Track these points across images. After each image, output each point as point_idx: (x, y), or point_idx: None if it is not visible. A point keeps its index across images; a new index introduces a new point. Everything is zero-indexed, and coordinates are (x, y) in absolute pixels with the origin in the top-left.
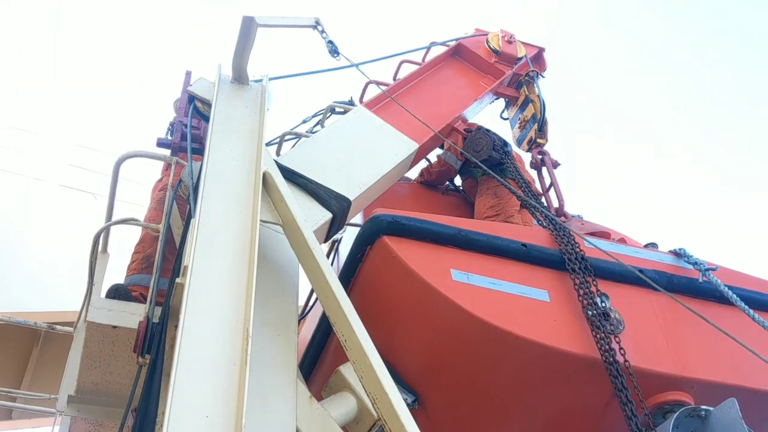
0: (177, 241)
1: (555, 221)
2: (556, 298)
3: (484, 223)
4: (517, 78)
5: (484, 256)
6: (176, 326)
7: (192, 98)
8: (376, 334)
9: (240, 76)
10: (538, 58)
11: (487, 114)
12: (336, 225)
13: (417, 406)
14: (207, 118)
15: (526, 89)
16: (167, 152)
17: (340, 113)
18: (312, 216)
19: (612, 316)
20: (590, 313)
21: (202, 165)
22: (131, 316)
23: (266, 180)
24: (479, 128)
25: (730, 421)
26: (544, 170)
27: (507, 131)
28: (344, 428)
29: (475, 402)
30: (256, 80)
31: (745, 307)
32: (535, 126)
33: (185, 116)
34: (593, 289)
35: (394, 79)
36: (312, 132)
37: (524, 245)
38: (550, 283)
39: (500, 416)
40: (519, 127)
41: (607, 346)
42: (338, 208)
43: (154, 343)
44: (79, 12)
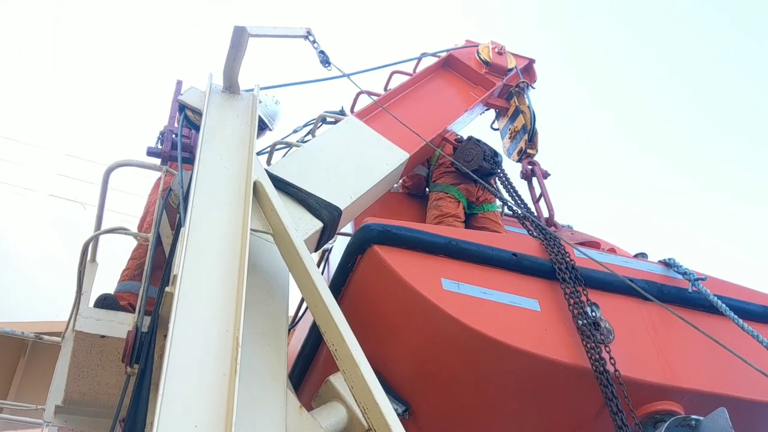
0: (167, 250)
1: (546, 231)
2: (546, 308)
3: (475, 233)
4: (507, 89)
5: (474, 266)
6: (165, 336)
7: (183, 107)
8: (366, 344)
9: (231, 86)
10: (528, 70)
11: (478, 124)
12: (326, 234)
13: (408, 416)
14: (198, 128)
15: (516, 100)
16: (157, 161)
17: (331, 123)
18: (302, 225)
19: (602, 326)
20: (580, 322)
21: (192, 174)
22: (120, 325)
23: (257, 189)
24: (470, 138)
25: (720, 430)
26: (534, 180)
27: (497, 142)
28: None
29: (466, 411)
30: (247, 90)
31: (735, 316)
32: (526, 137)
33: (176, 125)
34: (583, 298)
35: (385, 89)
36: (303, 141)
37: (515, 255)
38: (541, 292)
39: (491, 426)
40: (509, 138)
41: (597, 356)
42: (329, 217)
43: (143, 353)
44: (79, 12)
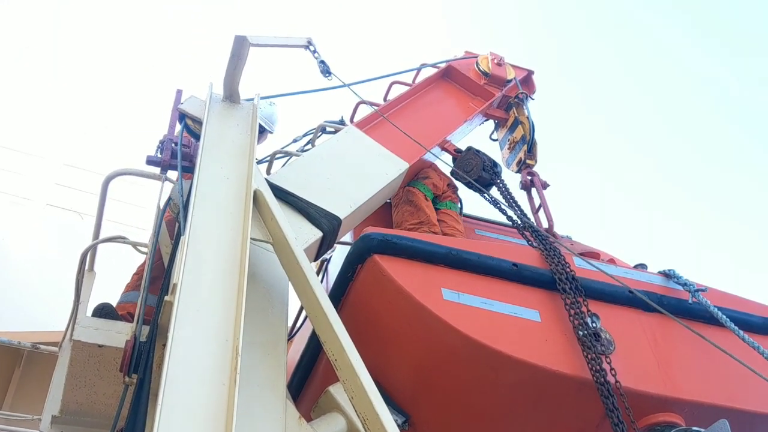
0: (165, 259)
1: (546, 241)
2: (546, 318)
3: (475, 243)
4: (506, 100)
5: (475, 276)
6: (164, 345)
7: (183, 116)
8: (366, 354)
9: (231, 95)
10: (527, 81)
11: (477, 135)
12: (326, 244)
13: (408, 427)
14: (198, 137)
15: (515, 111)
16: (157, 170)
17: (331, 132)
18: (302, 234)
19: (603, 337)
20: (581, 333)
21: (192, 183)
22: (118, 335)
23: (257, 198)
24: (469, 148)
25: None
26: (533, 191)
27: (496, 152)
28: None
29: (466, 422)
30: (247, 99)
31: (735, 327)
32: (525, 147)
33: (175, 134)
34: (584, 309)
35: (385, 99)
36: (303, 151)
37: (515, 265)
38: (541, 303)
39: None
40: (508, 149)
41: (598, 367)
42: (328, 226)
43: (142, 363)
44: (79, 13)
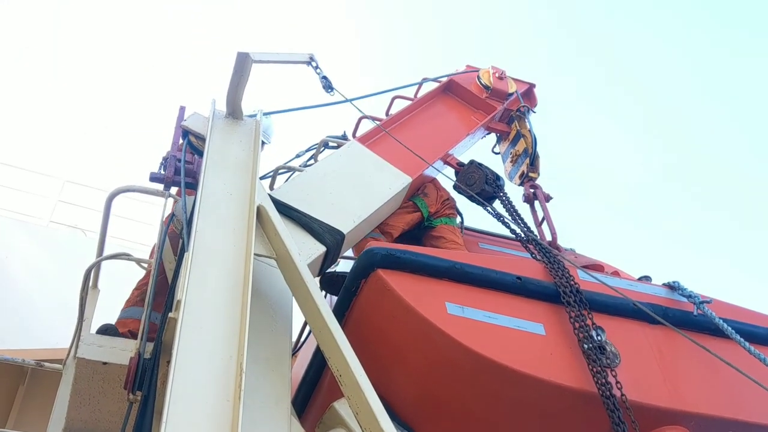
0: (169, 276)
1: (550, 254)
2: (551, 332)
3: (478, 256)
4: (508, 113)
5: (479, 290)
6: (168, 362)
7: (186, 133)
8: (370, 369)
9: (234, 111)
10: (528, 94)
11: (479, 149)
12: (329, 258)
13: None
14: (201, 153)
15: (517, 124)
16: (160, 187)
17: (333, 147)
18: (306, 250)
19: (608, 350)
20: (586, 346)
21: (195, 199)
22: (122, 352)
23: (260, 214)
24: (472, 162)
25: None
26: (536, 204)
27: (499, 166)
28: None
29: None
30: (250, 115)
31: (741, 339)
32: (527, 160)
33: (179, 151)
34: (588, 322)
35: (387, 114)
36: (305, 166)
37: (519, 278)
38: (546, 316)
39: None
40: (511, 162)
41: (604, 380)
42: (332, 241)
43: (146, 380)
44: (79, 13)
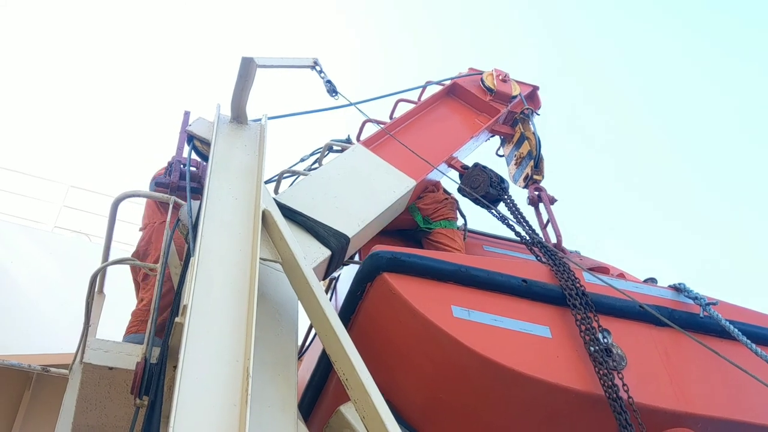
0: (175, 281)
1: (555, 256)
2: (557, 335)
3: (484, 259)
4: (512, 116)
5: (484, 293)
6: (175, 367)
7: (191, 138)
8: (376, 373)
9: (239, 116)
10: (532, 97)
11: (483, 151)
12: (335, 262)
13: None
14: (206, 158)
15: (521, 127)
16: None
17: (338, 151)
18: (311, 253)
19: (614, 352)
20: (592, 349)
21: (201, 204)
22: (128, 356)
23: (265, 218)
24: (476, 165)
25: None
26: (541, 206)
27: (503, 168)
28: None
29: None
30: (254, 120)
31: (747, 341)
32: (531, 163)
33: (184, 156)
34: (595, 324)
35: (391, 117)
36: (310, 170)
37: (525, 281)
38: (552, 319)
39: None
40: (515, 164)
41: (610, 383)
42: (337, 245)
43: (153, 385)
44: (79, 13)
